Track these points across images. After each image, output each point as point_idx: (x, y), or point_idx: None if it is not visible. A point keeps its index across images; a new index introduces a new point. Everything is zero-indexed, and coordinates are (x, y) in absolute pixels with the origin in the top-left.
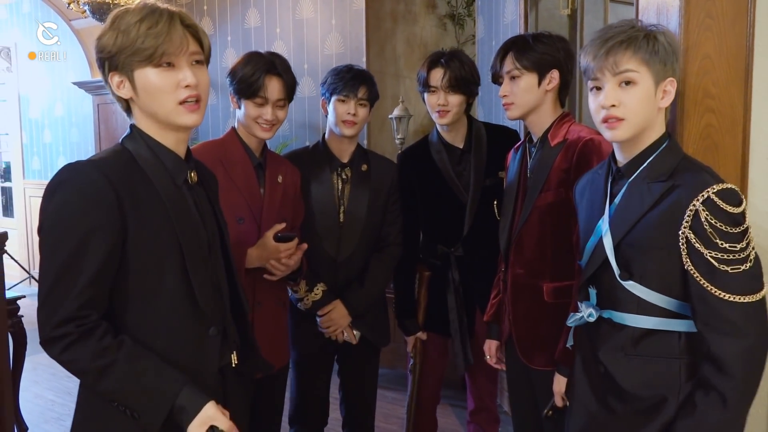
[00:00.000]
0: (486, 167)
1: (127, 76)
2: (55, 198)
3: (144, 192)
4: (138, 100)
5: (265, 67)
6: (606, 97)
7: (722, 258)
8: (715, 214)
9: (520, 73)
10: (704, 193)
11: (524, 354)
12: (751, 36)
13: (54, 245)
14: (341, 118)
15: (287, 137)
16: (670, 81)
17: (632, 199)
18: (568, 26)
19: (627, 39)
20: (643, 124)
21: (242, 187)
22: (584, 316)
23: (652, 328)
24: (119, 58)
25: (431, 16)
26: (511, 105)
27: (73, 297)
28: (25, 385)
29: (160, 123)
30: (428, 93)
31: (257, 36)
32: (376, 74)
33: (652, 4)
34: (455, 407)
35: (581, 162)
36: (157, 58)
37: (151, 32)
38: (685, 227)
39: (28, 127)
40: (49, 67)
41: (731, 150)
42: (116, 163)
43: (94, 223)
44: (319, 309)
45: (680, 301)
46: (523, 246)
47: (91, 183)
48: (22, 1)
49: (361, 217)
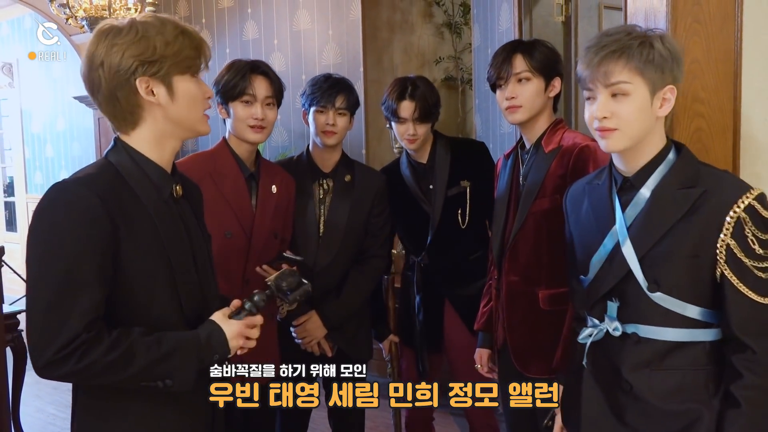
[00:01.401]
0: (449, 178)
1: (164, 82)
2: (45, 219)
3: (132, 206)
4: (170, 106)
5: (248, 67)
6: (598, 109)
7: (759, 265)
8: (756, 221)
9: (531, 76)
10: (744, 199)
11: (520, 362)
12: (738, 40)
13: (47, 266)
14: (321, 129)
15: (286, 147)
16: (670, 88)
17: (661, 208)
18: (563, 33)
19: (620, 48)
20: (639, 134)
21: (231, 199)
22: (608, 330)
23: (681, 341)
24: (165, 64)
25: (428, 25)
26: (518, 108)
27: (76, 317)
28: (26, 400)
29: (175, 131)
30: (397, 123)
31: (255, 48)
32: (373, 84)
33: (640, 9)
34: (456, 416)
35: (577, 168)
36: (196, 68)
37: (194, 44)
38: (726, 235)
39: (30, 141)
40: (50, 81)
41: (721, 154)
42: (103, 178)
43: (87, 241)
44: (293, 319)
45: (707, 309)
46: (517, 253)
47: (81, 200)
48: (24, 17)
49: (340, 228)
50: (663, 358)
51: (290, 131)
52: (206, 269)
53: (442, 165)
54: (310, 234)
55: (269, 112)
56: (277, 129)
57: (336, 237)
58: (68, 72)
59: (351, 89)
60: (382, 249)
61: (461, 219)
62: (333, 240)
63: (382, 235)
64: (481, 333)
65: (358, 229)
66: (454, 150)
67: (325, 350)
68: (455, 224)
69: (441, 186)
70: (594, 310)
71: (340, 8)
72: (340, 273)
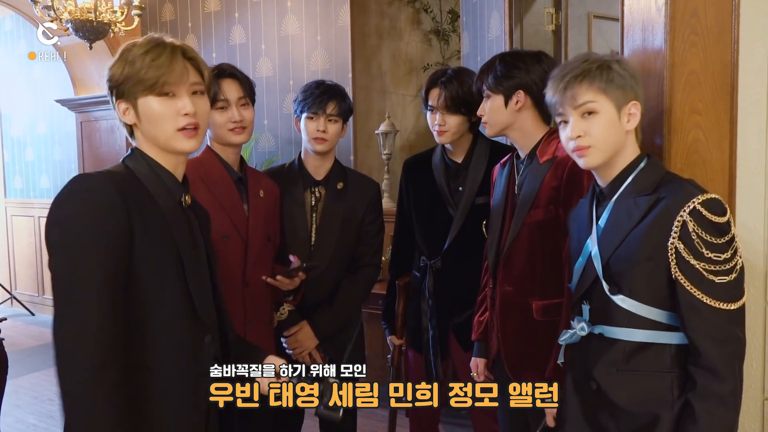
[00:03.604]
0: (481, 185)
1: (132, 103)
2: (66, 208)
3: (147, 204)
4: (141, 126)
5: (215, 73)
6: (572, 130)
7: (710, 268)
8: (701, 224)
9: (489, 93)
10: (690, 203)
11: (513, 372)
12: (735, 51)
13: (72, 253)
14: (311, 136)
15: (273, 153)
16: (634, 103)
17: (619, 215)
18: (553, 42)
19: (581, 72)
20: (612, 148)
21: (225, 203)
22: (576, 330)
23: (644, 341)
24: (125, 86)
25: (416, 32)
26: (485, 124)
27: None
28: (6, 410)
29: (160, 147)
30: (429, 111)
31: (242, 53)
32: (362, 90)
33: (637, 21)
34: (464, 426)
35: (572, 179)
36: (159, 87)
37: (155, 63)
38: (674, 238)
39: (9, 145)
40: (31, 84)
41: (719, 165)
42: (122, 176)
43: (111, 233)
44: (285, 329)
45: (669, 312)
46: (512, 263)
47: (102, 190)
48: (5, 18)
49: (332, 236)
50: (628, 359)
51: (277, 137)
52: (215, 275)
53: (477, 169)
54: (302, 242)
55: (245, 112)
56: (264, 135)
57: (328, 245)
58: (50, 75)
59: (343, 96)
60: (375, 258)
61: (486, 231)
62: (325, 249)
63: (374, 243)
64: (476, 342)
65: (350, 238)
66: (493, 156)
67: (316, 361)
68: (477, 234)
69: (471, 192)
70: (573, 313)
71: (329, 14)
72: (332, 282)
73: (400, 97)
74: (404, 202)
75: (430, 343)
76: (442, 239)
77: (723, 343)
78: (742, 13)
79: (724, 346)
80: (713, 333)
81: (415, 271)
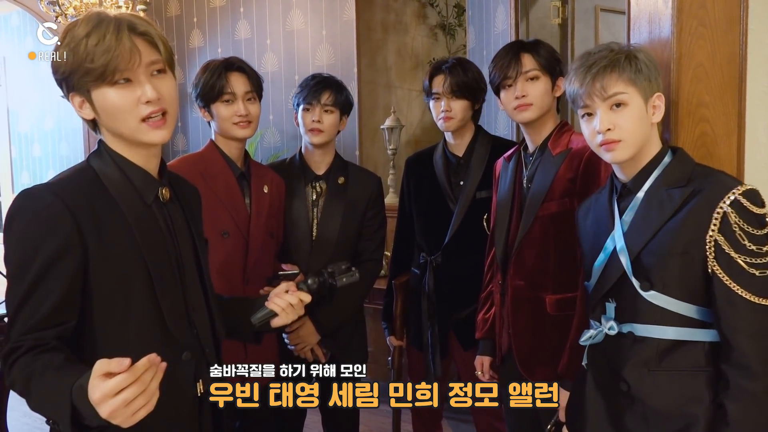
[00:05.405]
0: (482, 179)
1: (85, 96)
2: (13, 227)
3: (107, 213)
4: (101, 120)
5: (223, 66)
6: (601, 123)
7: (751, 261)
8: (743, 215)
9: (540, 74)
10: (730, 194)
11: (524, 368)
12: (744, 44)
13: (17, 274)
14: (308, 127)
15: (278, 149)
16: (658, 95)
17: (650, 208)
18: (559, 35)
19: (610, 63)
20: (640, 142)
21: (225, 199)
22: (604, 329)
23: (677, 339)
24: (73, 79)
25: (422, 26)
26: (529, 106)
27: (35, 323)
28: (13, 404)
29: (126, 142)
30: (433, 100)
31: (247, 48)
32: (367, 85)
33: (644, 13)
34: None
35: (588, 171)
36: (110, 75)
37: (99, 48)
38: (714, 230)
39: (17, 141)
40: (38, 80)
41: (726, 158)
42: (77, 183)
43: (52, 250)
44: (287, 325)
45: (703, 307)
46: (523, 257)
47: (46, 208)
48: (11, 14)
49: (334, 231)
50: (661, 359)
51: (282, 132)
52: (193, 276)
53: (478, 163)
54: (303, 238)
55: (251, 106)
56: (270, 130)
57: (329, 241)
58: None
59: (339, 87)
60: (377, 253)
61: (487, 225)
62: (326, 244)
63: (376, 238)
64: (481, 340)
65: (351, 233)
66: (495, 150)
67: (318, 356)
68: (478, 229)
69: (472, 185)
70: (595, 313)
71: (334, 9)
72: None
73: (405, 91)
74: (405, 199)
75: (430, 341)
76: (443, 234)
77: (758, 339)
78: (751, 5)
79: (758, 342)
80: (748, 328)
81: (415, 268)
